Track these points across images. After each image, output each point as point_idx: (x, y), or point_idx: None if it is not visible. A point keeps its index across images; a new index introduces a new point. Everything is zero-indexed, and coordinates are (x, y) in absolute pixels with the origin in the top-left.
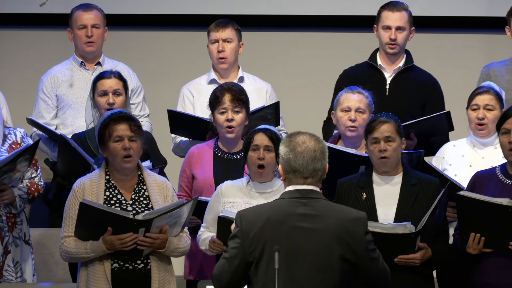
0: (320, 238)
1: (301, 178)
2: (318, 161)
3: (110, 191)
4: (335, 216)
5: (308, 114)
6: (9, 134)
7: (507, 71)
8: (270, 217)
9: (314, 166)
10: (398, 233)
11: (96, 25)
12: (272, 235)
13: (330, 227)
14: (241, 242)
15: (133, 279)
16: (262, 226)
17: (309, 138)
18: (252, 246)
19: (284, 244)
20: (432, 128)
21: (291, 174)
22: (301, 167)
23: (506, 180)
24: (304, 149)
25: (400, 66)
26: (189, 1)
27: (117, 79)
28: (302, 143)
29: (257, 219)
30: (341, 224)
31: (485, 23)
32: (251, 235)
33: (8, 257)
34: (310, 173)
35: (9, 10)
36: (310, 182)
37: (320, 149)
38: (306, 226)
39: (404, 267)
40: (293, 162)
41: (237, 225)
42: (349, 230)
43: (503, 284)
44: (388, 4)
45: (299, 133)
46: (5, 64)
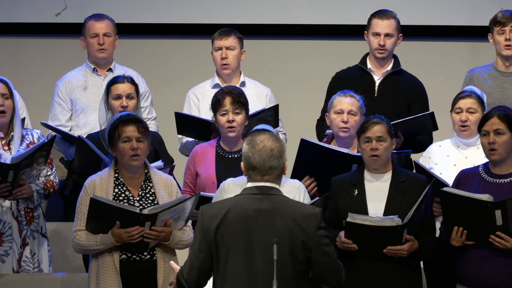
0: (276, 231)
1: (259, 175)
2: (275, 159)
3: (119, 188)
4: (290, 212)
5: (304, 116)
6: (26, 135)
7: (489, 76)
8: (228, 211)
9: (270, 164)
10: (385, 226)
11: (107, 33)
12: (230, 229)
13: (284, 221)
14: (203, 236)
15: (140, 269)
16: (221, 220)
17: (268, 138)
18: (213, 239)
19: (242, 238)
20: (417, 127)
21: (250, 171)
22: (259, 165)
23: (488, 178)
24: (262, 147)
25: (388, 70)
26: (194, 11)
27: (130, 84)
28: (260, 142)
29: (217, 213)
30: (295, 219)
31: (469, 32)
32: (211, 228)
33: (26, 249)
34: (267, 170)
35: (26, 19)
36: (268, 179)
37: (277, 148)
38: (263, 221)
39: (392, 258)
40: (251, 159)
41: (199, 220)
42: (302, 225)
43: (484, 274)
44: (378, 12)
45: (260, 133)
46: (22, 70)
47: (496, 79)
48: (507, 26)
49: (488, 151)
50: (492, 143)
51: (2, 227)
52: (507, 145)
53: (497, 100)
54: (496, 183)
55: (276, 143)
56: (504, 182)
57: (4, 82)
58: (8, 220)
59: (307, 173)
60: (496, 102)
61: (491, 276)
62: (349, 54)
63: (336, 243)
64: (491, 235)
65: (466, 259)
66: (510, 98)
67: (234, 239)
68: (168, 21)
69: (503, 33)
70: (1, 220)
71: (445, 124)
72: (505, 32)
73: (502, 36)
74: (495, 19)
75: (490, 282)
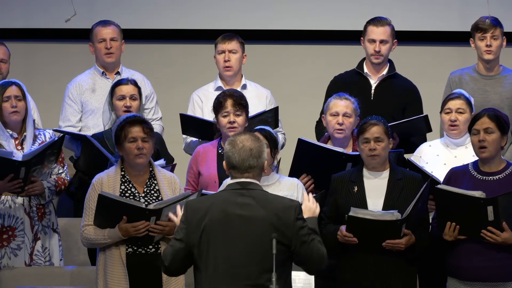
0: (255, 224)
1: (239, 173)
2: (254, 158)
3: (125, 185)
4: (269, 205)
5: (302, 117)
6: (39, 134)
7: (471, 79)
8: (211, 205)
9: (249, 163)
10: (386, 220)
11: (114, 38)
12: (212, 221)
13: (264, 214)
14: (186, 227)
15: (145, 262)
16: (204, 214)
17: (248, 138)
18: (195, 231)
19: (223, 231)
20: (412, 129)
21: (231, 170)
22: (238, 164)
23: (478, 175)
24: (241, 147)
25: (384, 74)
26: (197, 18)
27: (133, 86)
28: (240, 142)
29: (200, 207)
30: (274, 212)
31: (458, 37)
32: (194, 221)
33: (38, 243)
34: (246, 169)
35: (38, 26)
36: (248, 176)
37: (256, 148)
38: (243, 214)
39: (390, 251)
40: (232, 159)
41: (183, 213)
42: (281, 216)
43: (475, 267)
44: (373, 20)
45: (241, 134)
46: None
47: (477, 82)
48: (488, 32)
49: (478, 149)
50: (482, 141)
51: (15, 222)
52: (496, 143)
53: (479, 102)
54: (485, 180)
55: (255, 143)
56: (493, 179)
57: (18, 84)
58: (21, 216)
59: (305, 171)
60: (477, 105)
61: (482, 269)
62: (346, 58)
63: (337, 236)
64: (482, 230)
65: (457, 253)
66: (491, 101)
67: (216, 231)
68: (173, 27)
69: (484, 39)
70: (14, 215)
71: (434, 124)
72: (486, 39)
73: (483, 42)
74: (476, 25)
75: (480, 275)
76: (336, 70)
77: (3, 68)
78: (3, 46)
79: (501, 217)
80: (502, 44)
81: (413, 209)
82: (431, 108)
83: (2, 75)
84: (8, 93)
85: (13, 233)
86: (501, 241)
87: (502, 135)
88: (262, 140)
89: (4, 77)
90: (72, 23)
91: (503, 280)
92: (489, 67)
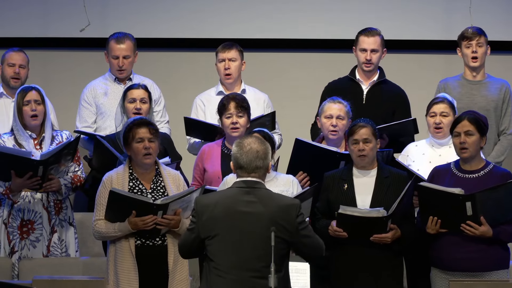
0: (259, 220)
1: (246, 173)
2: (260, 160)
3: (133, 182)
4: (272, 203)
5: (298, 119)
6: (56, 135)
7: (459, 85)
8: (219, 202)
9: (256, 164)
10: (372, 216)
11: (127, 56)
12: (220, 216)
13: (268, 211)
14: (196, 221)
15: (153, 253)
16: (212, 209)
17: (255, 141)
18: (204, 225)
19: (229, 225)
20: (401, 130)
21: (238, 170)
22: (245, 164)
23: (459, 173)
24: (249, 149)
25: (375, 80)
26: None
27: (143, 90)
28: (247, 144)
29: (209, 203)
30: (277, 209)
31: (443, 46)
32: (203, 216)
33: (54, 236)
34: (252, 169)
35: (55, 35)
36: (254, 176)
37: (262, 150)
38: (248, 210)
39: (378, 245)
40: (239, 160)
41: (194, 207)
42: (283, 213)
43: (456, 258)
44: (364, 30)
45: (248, 136)
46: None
47: (464, 87)
48: (473, 40)
49: (459, 150)
50: (463, 143)
51: (34, 216)
52: (476, 144)
53: (466, 105)
54: (466, 178)
55: (262, 145)
56: (473, 177)
57: (37, 89)
58: (39, 211)
59: (301, 169)
60: (465, 107)
61: (462, 260)
62: (339, 65)
63: (328, 231)
64: (462, 224)
65: (439, 245)
66: (477, 104)
67: (223, 225)
68: (179, 36)
69: (470, 46)
70: (33, 210)
71: (421, 126)
72: (472, 46)
73: (469, 49)
74: (462, 35)
75: (461, 265)
76: (330, 76)
77: (22, 73)
78: (22, 52)
79: (479, 212)
80: (486, 52)
81: (398, 205)
82: (417, 111)
83: (21, 80)
84: (28, 97)
85: (32, 226)
86: (479, 234)
87: (481, 136)
88: (267, 143)
89: (23, 82)
90: (86, 33)
91: (481, 270)
92: (475, 74)
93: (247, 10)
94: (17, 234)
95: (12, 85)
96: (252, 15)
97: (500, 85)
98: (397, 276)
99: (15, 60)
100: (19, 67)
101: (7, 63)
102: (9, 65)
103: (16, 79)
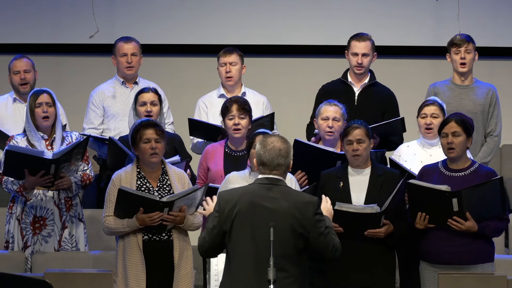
0: (279, 215)
1: (268, 170)
2: (282, 157)
3: (140, 181)
4: (292, 199)
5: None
6: (66, 136)
7: (448, 89)
8: (241, 197)
9: (278, 161)
10: (366, 213)
11: (134, 53)
12: (242, 211)
13: (287, 207)
14: (219, 216)
15: (159, 247)
16: (235, 204)
17: (277, 140)
18: (227, 219)
19: (250, 219)
20: (390, 129)
21: (261, 166)
22: (268, 161)
23: (446, 172)
24: (272, 147)
25: (366, 83)
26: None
27: (154, 93)
28: (270, 143)
29: (231, 198)
30: (296, 206)
31: (432, 51)
32: (226, 211)
33: (65, 231)
34: (274, 167)
35: (65, 41)
36: (275, 173)
37: (285, 148)
38: (269, 206)
39: (372, 239)
40: (263, 157)
41: (217, 202)
42: (302, 210)
43: (443, 252)
44: (356, 35)
45: (271, 135)
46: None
47: (453, 91)
48: (462, 47)
49: (447, 150)
50: (450, 143)
51: (46, 213)
52: (462, 144)
53: (455, 108)
54: (452, 176)
55: (284, 144)
56: (459, 175)
57: (48, 92)
58: (51, 208)
59: (299, 168)
60: (453, 110)
61: (449, 254)
62: (332, 69)
63: None
64: (448, 219)
65: (428, 239)
66: (465, 107)
67: (245, 219)
68: (182, 42)
69: (459, 53)
70: (45, 207)
71: (412, 127)
72: (460, 52)
73: (458, 55)
74: (452, 41)
75: (448, 258)
76: (324, 79)
77: (28, 78)
78: (25, 58)
79: (465, 208)
80: (474, 58)
81: (391, 202)
82: (407, 113)
83: (29, 84)
84: (40, 100)
85: (44, 222)
86: (465, 229)
87: (468, 137)
88: (289, 143)
89: (32, 85)
90: (95, 39)
91: (467, 263)
92: (463, 79)
93: (246, 19)
94: (30, 229)
95: (22, 91)
96: (252, 23)
97: (487, 90)
98: (389, 268)
99: (19, 67)
100: (24, 72)
101: (12, 71)
102: (15, 73)
103: (24, 85)
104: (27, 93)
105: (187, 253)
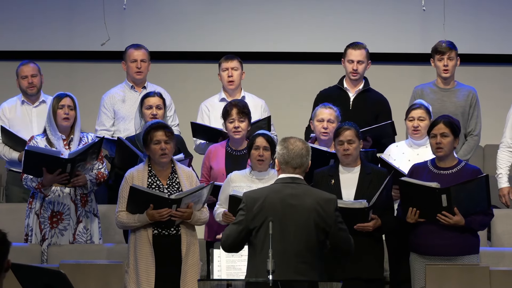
0: (303, 212)
1: (291, 168)
2: (303, 157)
3: (151, 179)
4: (314, 197)
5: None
6: (83, 137)
7: (431, 91)
8: (267, 196)
9: (300, 160)
10: (355, 207)
11: (143, 59)
12: (269, 209)
13: (310, 204)
14: (245, 214)
15: (168, 241)
16: (262, 203)
17: (299, 141)
18: (254, 217)
19: (277, 216)
20: (381, 132)
21: (284, 165)
22: (292, 160)
23: (435, 170)
24: (294, 147)
25: (360, 88)
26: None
27: (159, 97)
28: (293, 142)
29: (258, 197)
30: (318, 203)
31: (420, 58)
32: (253, 209)
33: (80, 225)
34: (297, 165)
35: (78, 48)
36: (297, 172)
37: (305, 148)
38: (293, 203)
39: (361, 232)
40: (286, 156)
41: (243, 201)
42: (323, 207)
43: (432, 244)
44: (352, 44)
45: (292, 137)
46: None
47: (436, 94)
48: (445, 55)
49: (436, 149)
50: (439, 143)
51: (62, 208)
52: (450, 144)
53: (437, 110)
54: (440, 174)
55: (304, 145)
56: (447, 173)
57: (71, 97)
58: (67, 203)
59: None
60: (436, 112)
61: (437, 246)
62: (329, 75)
63: None
64: (438, 214)
65: (418, 233)
66: (447, 109)
67: (272, 216)
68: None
69: (442, 60)
70: (62, 203)
71: (400, 129)
72: (443, 60)
73: (441, 62)
74: (436, 49)
75: (436, 250)
76: (321, 85)
77: (35, 81)
78: (31, 63)
79: (453, 203)
80: (456, 64)
81: (378, 198)
82: (398, 115)
83: (36, 87)
84: (63, 103)
85: (61, 217)
86: (453, 223)
87: (455, 137)
88: (308, 143)
89: (38, 88)
90: (106, 47)
91: (454, 255)
92: (446, 82)
93: (246, 27)
94: (48, 224)
95: (30, 93)
96: (251, 32)
97: (467, 92)
98: (378, 259)
99: (26, 72)
100: (31, 76)
101: (20, 76)
102: (22, 77)
103: (32, 87)
104: (35, 94)
105: (194, 247)
